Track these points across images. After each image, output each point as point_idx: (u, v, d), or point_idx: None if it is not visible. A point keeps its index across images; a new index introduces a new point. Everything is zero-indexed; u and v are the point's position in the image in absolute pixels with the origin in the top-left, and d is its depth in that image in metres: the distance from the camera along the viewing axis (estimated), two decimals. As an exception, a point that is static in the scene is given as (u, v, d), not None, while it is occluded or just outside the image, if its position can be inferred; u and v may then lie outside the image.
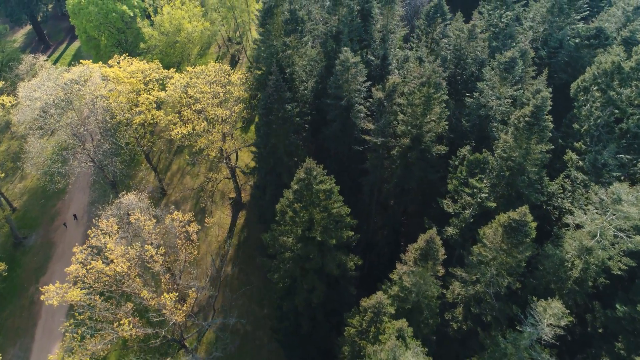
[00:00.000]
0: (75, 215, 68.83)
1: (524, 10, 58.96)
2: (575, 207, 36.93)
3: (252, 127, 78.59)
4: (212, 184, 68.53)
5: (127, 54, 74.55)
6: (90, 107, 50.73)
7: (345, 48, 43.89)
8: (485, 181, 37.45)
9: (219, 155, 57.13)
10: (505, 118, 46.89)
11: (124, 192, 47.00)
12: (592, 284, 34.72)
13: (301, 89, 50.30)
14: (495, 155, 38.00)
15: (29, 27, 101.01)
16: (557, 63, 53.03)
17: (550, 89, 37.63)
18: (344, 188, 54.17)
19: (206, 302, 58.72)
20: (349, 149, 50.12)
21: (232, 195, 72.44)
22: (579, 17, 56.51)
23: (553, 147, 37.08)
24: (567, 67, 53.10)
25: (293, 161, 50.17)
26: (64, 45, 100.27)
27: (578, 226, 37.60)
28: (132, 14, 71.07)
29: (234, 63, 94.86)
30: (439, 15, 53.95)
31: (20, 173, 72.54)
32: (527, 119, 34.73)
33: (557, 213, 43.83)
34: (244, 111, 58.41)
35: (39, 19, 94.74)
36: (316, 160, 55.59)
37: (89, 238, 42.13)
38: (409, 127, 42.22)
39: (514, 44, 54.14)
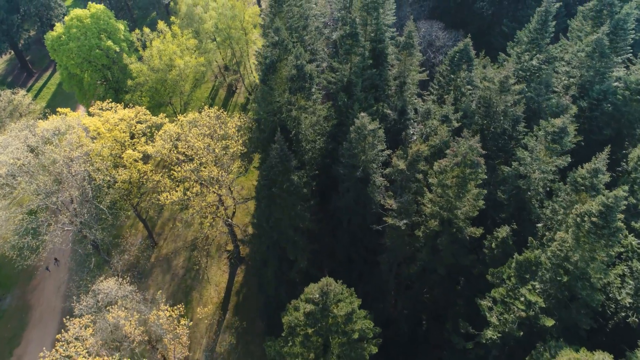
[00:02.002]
0: (56, 259, 61.64)
1: (560, 50, 51.99)
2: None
3: (252, 168, 71.64)
4: (207, 239, 61.44)
5: (113, 91, 67.82)
6: (66, 171, 43.59)
7: (363, 114, 36.79)
8: (537, 286, 30.59)
9: (212, 219, 49.95)
10: (548, 188, 40.09)
11: (101, 278, 39.81)
12: None
13: (308, 148, 43.24)
14: (549, 253, 31.09)
15: (11, 53, 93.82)
16: (600, 117, 46.17)
17: (607, 167, 30.92)
18: (357, 260, 47.29)
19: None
20: (363, 218, 43.10)
21: (230, 247, 65.38)
22: (620, 60, 49.69)
23: (624, 249, 30.19)
24: (611, 121, 46.22)
25: (299, 233, 43.16)
26: (48, 73, 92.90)
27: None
28: (118, 49, 64.00)
29: (231, 92, 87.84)
30: (464, 61, 46.99)
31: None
32: (593, 219, 27.86)
33: (613, 307, 36.96)
34: (242, 167, 51.40)
35: (21, 47, 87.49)
36: (325, 229, 48.70)
37: (57, 345, 35.03)
38: (439, 210, 35.29)
39: (550, 93, 47.30)
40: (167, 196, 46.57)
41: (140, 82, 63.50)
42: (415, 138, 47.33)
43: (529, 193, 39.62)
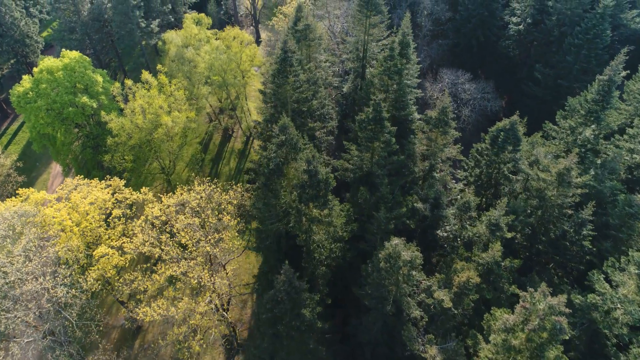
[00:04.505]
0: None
1: (616, 119, 43.27)
2: None
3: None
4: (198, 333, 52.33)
5: (91, 149, 58.79)
6: (19, 289, 34.66)
7: (396, 241, 27.90)
8: None
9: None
10: (630, 322, 31.32)
11: None
12: None
13: (321, 260, 34.36)
14: None
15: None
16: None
17: None
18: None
19: None
20: (391, 350, 34.21)
21: (225, 331, 56.35)
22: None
23: None
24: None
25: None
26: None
27: None
28: (95, 105, 54.92)
29: (227, 137, 78.79)
30: (510, 142, 38.18)
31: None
32: None
33: None
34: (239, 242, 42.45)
35: (-7, 87, 78.41)
36: (343, 350, 39.14)
37: None
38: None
39: (616, 180, 38.65)
40: (147, 311, 37.68)
41: (122, 141, 54.47)
42: (449, 228, 38.64)
43: (606, 330, 30.81)
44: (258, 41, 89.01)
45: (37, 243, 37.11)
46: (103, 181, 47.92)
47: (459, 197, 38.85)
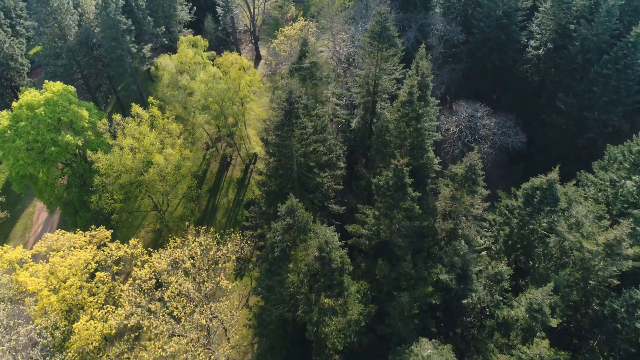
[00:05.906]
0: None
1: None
2: None
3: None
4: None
5: (76, 189, 53.82)
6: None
7: (428, 349, 23.08)
8: None
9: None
10: None
11: None
12: None
13: (336, 350, 29.49)
14: None
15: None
16: None
17: None
18: None
19: None
20: None
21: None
22: None
23: None
24: None
25: None
26: (11, 139, 78.53)
27: None
28: (80, 143, 50.00)
29: (225, 164, 73.91)
30: (547, 202, 33.37)
31: None
32: None
33: None
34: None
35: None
36: None
37: None
38: None
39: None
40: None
41: (110, 182, 49.49)
42: (476, 296, 33.87)
43: None
44: (257, 60, 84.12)
45: (6, 322, 32.24)
46: (88, 232, 43.25)
47: (488, 265, 33.99)
